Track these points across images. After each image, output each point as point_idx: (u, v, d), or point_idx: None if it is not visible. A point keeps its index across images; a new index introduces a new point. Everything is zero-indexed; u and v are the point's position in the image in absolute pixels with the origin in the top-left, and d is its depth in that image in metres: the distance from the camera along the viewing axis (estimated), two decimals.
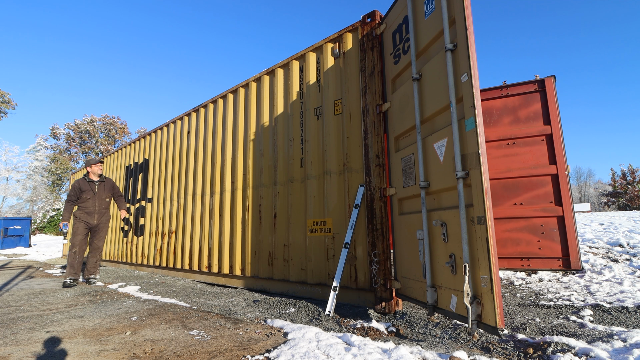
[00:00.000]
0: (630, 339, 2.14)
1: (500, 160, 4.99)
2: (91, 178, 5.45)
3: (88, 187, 5.38)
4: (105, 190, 5.55)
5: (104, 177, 5.63)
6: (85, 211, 5.34)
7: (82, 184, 5.37)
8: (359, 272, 3.40)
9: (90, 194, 5.37)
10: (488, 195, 2.04)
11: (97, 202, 5.41)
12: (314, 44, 4.11)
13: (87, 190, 5.36)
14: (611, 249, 5.46)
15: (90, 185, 5.41)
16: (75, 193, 5.32)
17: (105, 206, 5.54)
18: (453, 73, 2.37)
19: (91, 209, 5.36)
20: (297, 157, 4.17)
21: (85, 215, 5.31)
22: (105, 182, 5.59)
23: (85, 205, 5.34)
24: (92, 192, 5.39)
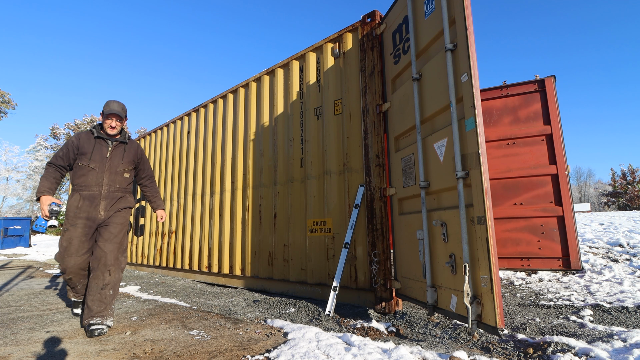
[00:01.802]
0: (630, 339, 2.14)
1: (500, 160, 4.99)
2: (104, 132, 2.93)
3: (93, 148, 2.85)
4: (125, 159, 2.98)
5: (128, 137, 3.04)
6: (84, 192, 2.81)
7: (83, 140, 2.86)
8: (359, 272, 3.40)
9: (96, 158, 2.84)
10: (488, 195, 2.04)
11: (107, 177, 2.86)
12: (314, 44, 4.11)
13: (91, 153, 2.83)
14: (611, 249, 5.46)
15: (98, 144, 2.88)
16: (67, 153, 2.84)
17: (122, 186, 2.96)
18: (453, 73, 2.37)
19: (95, 189, 2.82)
20: (297, 157, 4.17)
21: (83, 202, 2.79)
22: (128, 147, 3.02)
23: (85, 181, 2.81)
24: (100, 156, 2.86)
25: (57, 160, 2.87)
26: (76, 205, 2.81)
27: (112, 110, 2.88)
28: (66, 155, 2.87)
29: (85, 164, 2.83)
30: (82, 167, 2.83)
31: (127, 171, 3.03)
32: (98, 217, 2.84)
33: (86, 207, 2.81)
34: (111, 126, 2.91)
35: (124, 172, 3.00)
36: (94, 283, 2.68)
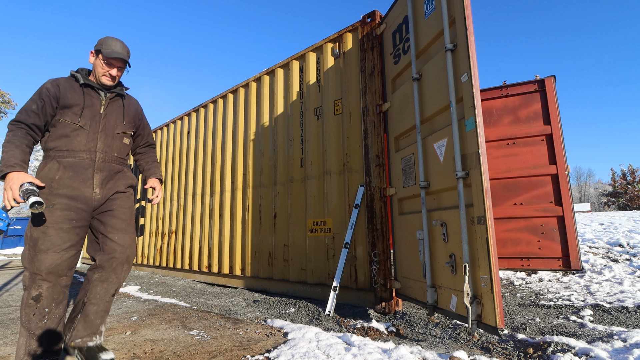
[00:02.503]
0: (630, 339, 2.14)
1: (500, 160, 4.99)
2: (97, 80, 2.11)
3: (82, 99, 2.04)
4: (126, 117, 2.20)
5: (124, 92, 2.24)
6: (66, 159, 1.97)
7: (64, 88, 2.01)
8: (359, 272, 3.40)
9: (86, 114, 2.03)
10: (488, 195, 2.04)
11: (102, 141, 2.06)
12: (314, 44, 4.11)
13: (79, 106, 2.02)
14: (611, 249, 5.46)
15: (87, 95, 2.07)
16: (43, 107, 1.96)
17: (121, 156, 2.18)
18: (453, 73, 2.37)
19: (84, 155, 2.00)
20: (297, 157, 4.17)
21: (63, 173, 1.95)
22: (127, 102, 2.24)
23: (69, 144, 1.98)
24: (91, 112, 2.05)
25: (29, 118, 1.90)
26: (52, 176, 1.89)
27: (116, 54, 2.03)
28: (41, 109, 1.92)
29: (69, 121, 1.96)
30: (65, 124, 1.95)
31: (126, 135, 2.19)
32: (90, 196, 1.96)
33: (68, 179, 1.91)
34: (111, 75, 2.06)
35: (123, 137, 2.16)
36: (102, 288, 1.95)
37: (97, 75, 2.10)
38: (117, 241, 2.01)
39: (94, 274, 1.98)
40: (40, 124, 1.97)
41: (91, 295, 1.95)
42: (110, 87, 2.12)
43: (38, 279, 1.82)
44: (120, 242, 2.02)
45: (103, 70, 2.07)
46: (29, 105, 1.96)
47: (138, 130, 2.34)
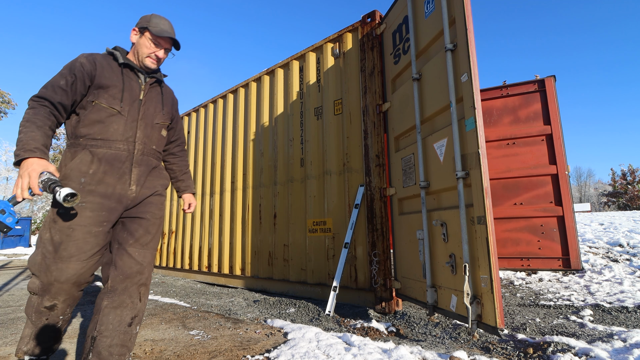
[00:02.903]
0: (630, 339, 2.14)
1: (500, 160, 4.99)
2: (140, 62, 1.82)
3: (121, 80, 1.74)
4: (165, 107, 1.92)
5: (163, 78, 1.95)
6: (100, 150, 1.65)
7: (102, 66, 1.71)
8: (359, 272, 3.40)
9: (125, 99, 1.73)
10: (488, 195, 2.04)
11: (142, 131, 1.77)
12: (314, 44, 4.11)
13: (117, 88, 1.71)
14: (611, 249, 5.46)
15: (127, 77, 1.77)
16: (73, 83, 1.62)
17: (159, 150, 1.90)
18: (453, 73, 2.37)
19: (121, 146, 1.69)
20: (297, 157, 4.17)
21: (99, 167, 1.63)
22: (165, 90, 1.98)
23: (104, 131, 1.67)
24: (131, 96, 1.75)
25: (55, 95, 1.58)
26: (85, 170, 1.59)
27: (166, 33, 1.78)
28: (71, 86, 1.61)
29: (105, 105, 1.66)
30: (100, 108, 1.65)
31: (164, 127, 1.92)
32: (126, 193, 1.67)
33: (103, 175, 1.61)
34: (157, 56, 1.81)
35: (161, 128, 1.89)
36: (115, 315, 1.60)
37: (139, 56, 1.82)
38: (135, 257, 1.66)
39: (103, 300, 1.61)
40: (67, 104, 1.63)
41: (102, 327, 1.57)
42: (151, 70, 1.85)
43: (55, 290, 1.52)
44: (138, 260, 1.67)
45: (149, 50, 1.80)
46: (57, 80, 1.61)
47: (172, 124, 2.03)
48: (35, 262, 1.55)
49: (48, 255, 1.52)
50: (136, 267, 1.65)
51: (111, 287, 1.62)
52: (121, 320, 1.61)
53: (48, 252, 1.52)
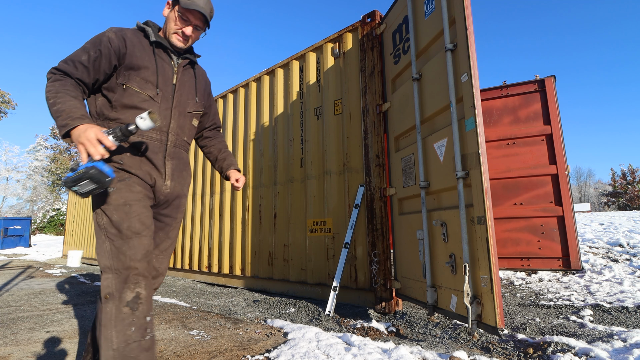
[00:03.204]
0: (630, 339, 2.14)
1: (500, 160, 4.99)
2: (168, 41, 1.62)
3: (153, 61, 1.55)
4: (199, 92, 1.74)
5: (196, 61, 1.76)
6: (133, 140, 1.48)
7: (132, 43, 1.52)
8: (359, 272, 3.40)
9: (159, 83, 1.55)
10: (488, 195, 2.04)
11: (176, 120, 1.60)
12: (314, 44, 4.11)
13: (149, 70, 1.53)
14: (611, 249, 5.46)
15: (159, 57, 1.58)
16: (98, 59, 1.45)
17: (189, 141, 1.74)
18: (453, 73, 2.37)
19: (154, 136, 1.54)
20: (297, 157, 4.17)
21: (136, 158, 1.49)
22: (199, 72, 1.78)
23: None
24: (164, 79, 1.57)
25: (76, 70, 1.42)
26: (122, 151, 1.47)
27: (196, 6, 1.55)
28: (94, 62, 1.44)
29: (137, 88, 1.49)
30: (132, 93, 1.49)
31: (196, 116, 1.75)
32: (161, 189, 1.55)
33: (139, 161, 1.49)
34: (184, 33, 1.59)
35: (193, 117, 1.72)
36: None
37: (167, 33, 1.61)
38: (156, 267, 1.60)
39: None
40: (87, 82, 1.45)
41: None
42: (180, 50, 1.63)
43: (133, 275, 1.34)
44: (156, 266, 1.60)
45: (176, 26, 1.58)
46: (78, 55, 1.44)
47: (205, 109, 1.85)
48: (104, 250, 1.38)
49: (115, 238, 1.37)
50: (152, 272, 1.57)
51: None
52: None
53: (113, 235, 1.38)
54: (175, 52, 1.64)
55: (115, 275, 1.34)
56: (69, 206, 12.26)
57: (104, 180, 1.29)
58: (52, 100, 1.34)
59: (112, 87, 1.50)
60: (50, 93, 1.36)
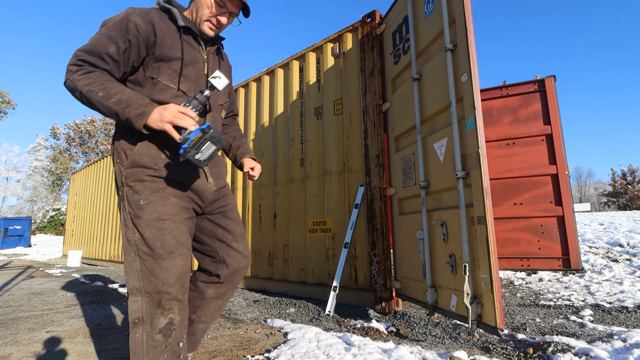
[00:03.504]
0: (630, 339, 2.14)
1: (500, 160, 4.99)
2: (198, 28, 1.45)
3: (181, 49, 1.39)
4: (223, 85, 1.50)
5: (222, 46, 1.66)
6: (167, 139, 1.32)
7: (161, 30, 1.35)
8: (359, 272, 3.40)
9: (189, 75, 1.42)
10: (488, 195, 2.04)
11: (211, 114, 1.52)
12: (314, 44, 4.11)
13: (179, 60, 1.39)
14: (611, 249, 5.46)
15: (187, 45, 1.42)
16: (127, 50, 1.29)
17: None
18: (453, 73, 2.37)
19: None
20: (297, 157, 4.17)
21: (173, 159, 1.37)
22: (223, 58, 1.66)
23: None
24: (195, 71, 1.44)
25: (104, 63, 1.28)
26: (156, 154, 1.35)
27: None
28: (123, 55, 1.30)
29: (168, 82, 1.37)
30: (164, 87, 1.37)
31: (225, 107, 1.67)
32: (206, 188, 1.48)
33: (176, 163, 1.37)
34: (219, 22, 1.45)
35: (222, 109, 1.64)
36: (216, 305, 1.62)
37: (197, 18, 1.45)
38: (242, 252, 1.61)
39: (209, 288, 1.56)
40: (117, 77, 1.33)
41: (201, 313, 1.58)
42: (209, 38, 1.50)
43: (166, 301, 1.26)
44: (245, 254, 1.63)
45: (210, 12, 1.42)
46: (105, 45, 1.26)
47: (230, 99, 1.75)
48: (134, 270, 1.27)
49: (146, 257, 1.27)
50: (244, 261, 1.62)
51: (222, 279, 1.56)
52: (219, 309, 1.63)
53: (144, 254, 1.27)
54: (203, 38, 1.50)
55: (147, 299, 1.25)
56: (69, 206, 12.26)
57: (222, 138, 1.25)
58: (102, 93, 1.21)
59: (140, 80, 1.36)
60: (94, 85, 1.22)
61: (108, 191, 9.02)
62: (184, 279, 1.33)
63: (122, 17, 1.30)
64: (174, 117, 1.22)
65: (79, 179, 11.43)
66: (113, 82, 1.27)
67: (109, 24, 1.29)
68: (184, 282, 1.33)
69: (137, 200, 1.30)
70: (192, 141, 1.20)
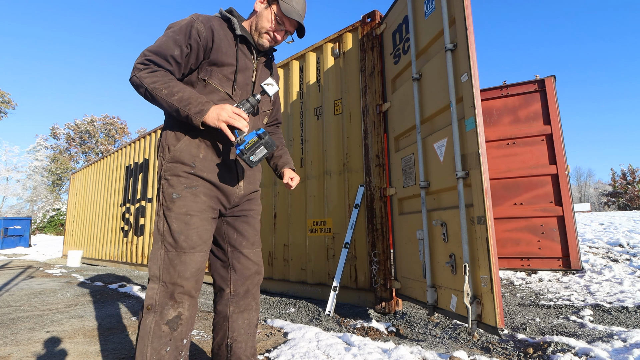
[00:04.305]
0: (630, 339, 2.14)
1: (500, 160, 4.99)
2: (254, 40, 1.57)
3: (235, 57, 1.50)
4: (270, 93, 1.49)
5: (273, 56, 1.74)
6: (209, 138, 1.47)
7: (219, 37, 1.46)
8: (359, 272, 3.40)
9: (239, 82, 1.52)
10: (488, 195, 2.04)
11: (251, 120, 1.58)
12: (314, 44, 4.11)
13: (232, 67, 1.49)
14: (611, 249, 5.46)
15: (241, 53, 1.53)
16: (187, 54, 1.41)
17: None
18: (453, 73, 2.37)
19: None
20: (297, 157, 4.17)
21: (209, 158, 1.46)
22: (273, 67, 1.75)
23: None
24: (244, 78, 1.54)
25: (169, 64, 1.38)
26: (195, 153, 1.43)
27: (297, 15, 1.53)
28: (186, 58, 1.41)
29: (218, 85, 1.46)
30: (212, 89, 1.46)
31: (268, 114, 1.75)
32: (234, 191, 1.52)
33: (212, 163, 1.46)
34: (276, 38, 1.56)
35: (264, 116, 1.72)
36: (244, 320, 1.59)
37: (256, 29, 1.55)
38: (252, 258, 1.60)
39: (227, 306, 1.56)
40: (178, 77, 1.43)
41: (235, 334, 1.55)
42: (263, 49, 1.60)
43: (178, 294, 1.32)
44: (255, 260, 1.62)
45: (270, 27, 1.53)
46: (170, 48, 1.36)
47: (275, 107, 1.83)
48: (157, 258, 1.36)
49: (170, 248, 1.35)
50: (254, 267, 1.61)
51: (234, 292, 1.57)
52: (250, 322, 1.60)
53: (170, 245, 1.35)
54: (256, 48, 1.59)
55: (162, 288, 1.32)
56: (69, 206, 12.26)
57: (274, 144, 1.39)
58: (166, 91, 1.32)
59: (193, 81, 1.47)
60: (159, 84, 1.33)
61: (108, 191, 9.02)
62: (199, 276, 1.39)
63: (186, 23, 1.42)
64: (229, 117, 1.33)
65: (79, 179, 11.43)
66: (175, 82, 1.37)
67: (174, 28, 1.41)
68: (199, 278, 1.38)
69: (171, 193, 1.39)
70: (248, 143, 1.33)
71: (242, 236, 1.59)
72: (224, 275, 1.58)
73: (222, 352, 1.55)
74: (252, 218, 1.64)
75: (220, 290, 1.59)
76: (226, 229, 1.58)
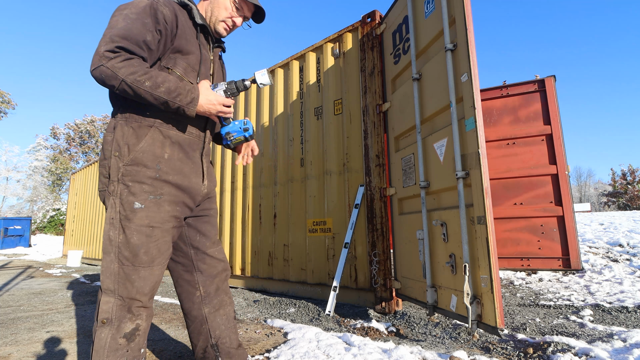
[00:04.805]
0: (630, 339, 2.14)
1: (500, 160, 4.99)
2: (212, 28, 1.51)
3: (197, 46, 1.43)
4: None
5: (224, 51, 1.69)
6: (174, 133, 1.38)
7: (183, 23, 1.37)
8: (359, 272, 3.40)
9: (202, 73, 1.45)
10: (488, 195, 2.04)
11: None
12: (314, 44, 4.11)
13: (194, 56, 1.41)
14: (611, 249, 5.46)
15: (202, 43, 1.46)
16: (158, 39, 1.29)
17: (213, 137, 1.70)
18: (453, 73, 2.37)
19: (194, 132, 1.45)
20: (297, 157, 4.17)
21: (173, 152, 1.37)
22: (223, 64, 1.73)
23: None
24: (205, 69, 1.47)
25: (142, 51, 1.26)
26: (159, 154, 1.33)
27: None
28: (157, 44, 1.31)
29: (183, 75, 1.38)
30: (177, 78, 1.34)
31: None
32: (199, 190, 1.46)
33: (179, 162, 1.38)
34: (234, 23, 1.51)
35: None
36: (221, 316, 1.56)
37: (212, 18, 1.48)
38: (217, 257, 1.57)
39: (201, 309, 1.52)
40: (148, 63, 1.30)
41: (217, 332, 1.53)
42: (219, 38, 1.54)
43: (136, 307, 1.27)
44: (221, 258, 1.59)
45: (227, 13, 1.46)
46: (141, 33, 1.23)
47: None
48: (111, 271, 1.25)
49: (126, 262, 1.26)
50: (220, 265, 1.57)
51: (205, 293, 1.52)
52: (228, 317, 1.57)
53: (125, 259, 1.26)
54: (213, 39, 1.53)
55: (119, 302, 1.25)
56: (69, 206, 12.26)
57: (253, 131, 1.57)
58: (149, 83, 1.21)
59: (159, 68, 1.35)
60: (138, 74, 1.19)
61: None
62: (157, 288, 1.34)
63: (148, 4, 1.28)
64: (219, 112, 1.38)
65: (79, 179, 11.43)
66: (154, 70, 1.25)
67: (133, 10, 1.26)
68: (156, 290, 1.34)
69: (132, 202, 1.27)
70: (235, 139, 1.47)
71: (204, 237, 1.54)
72: (189, 279, 1.52)
73: (209, 353, 1.52)
74: (213, 217, 1.59)
75: (189, 295, 1.52)
76: (187, 231, 1.51)
